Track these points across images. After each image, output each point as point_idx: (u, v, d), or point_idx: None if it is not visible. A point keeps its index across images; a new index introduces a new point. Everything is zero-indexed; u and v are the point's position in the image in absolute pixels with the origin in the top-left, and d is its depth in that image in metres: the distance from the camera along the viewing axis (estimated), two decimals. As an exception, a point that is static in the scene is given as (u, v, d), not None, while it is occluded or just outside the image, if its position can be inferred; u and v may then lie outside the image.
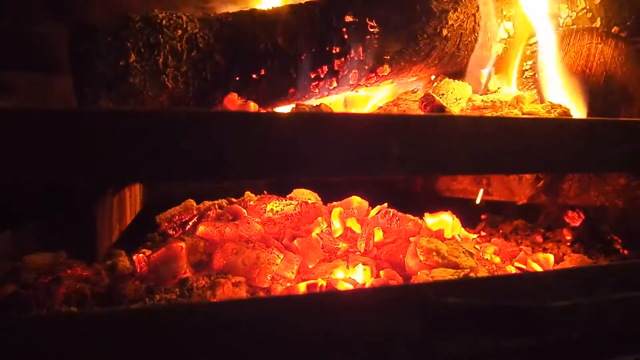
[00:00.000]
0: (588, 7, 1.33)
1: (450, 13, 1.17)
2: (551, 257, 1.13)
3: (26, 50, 1.46)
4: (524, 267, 1.11)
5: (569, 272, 0.96)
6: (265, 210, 1.13)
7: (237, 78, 1.06)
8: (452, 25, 1.18)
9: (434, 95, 1.02)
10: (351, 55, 1.11)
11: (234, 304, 0.75)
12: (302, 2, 1.21)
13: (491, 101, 1.09)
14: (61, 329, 0.63)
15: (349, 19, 1.10)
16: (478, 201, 1.38)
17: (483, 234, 1.45)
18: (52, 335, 0.62)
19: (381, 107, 1.15)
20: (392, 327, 0.72)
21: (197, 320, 0.66)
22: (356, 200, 1.19)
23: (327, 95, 1.16)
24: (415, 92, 1.15)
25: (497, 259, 1.12)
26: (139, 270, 0.94)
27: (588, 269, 1.00)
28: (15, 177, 0.62)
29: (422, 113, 0.99)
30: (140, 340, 0.64)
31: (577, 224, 1.31)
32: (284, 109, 1.14)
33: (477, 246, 1.15)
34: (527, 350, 0.77)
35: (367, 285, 0.94)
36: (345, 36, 1.10)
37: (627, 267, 0.89)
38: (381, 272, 0.98)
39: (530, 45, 1.33)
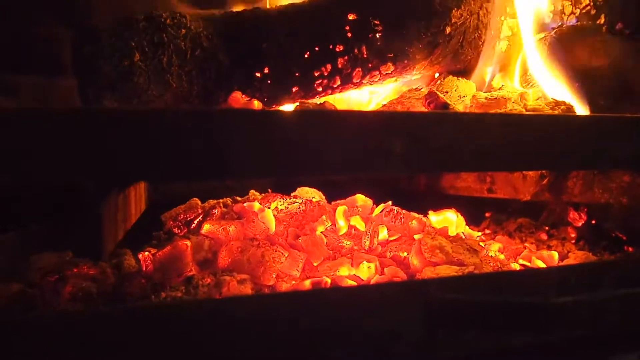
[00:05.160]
0: (592, 4, 1.33)
1: (453, 11, 1.17)
2: (555, 255, 1.13)
3: (29, 52, 1.47)
4: (528, 264, 1.11)
5: (572, 269, 0.96)
6: (270, 208, 1.13)
7: (241, 76, 1.06)
8: (456, 23, 1.18)
9: (437, 92, 1.02)
10: (354, 54, 1.11)
11: (239, 301, 0.75)
12: (306, 0, 1.21)
13: (495, 98, 1.09)
14: (67, 327, 0.63)
15: (352, 17, 1.10)
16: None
17: (487, 231, 1.45)
18: (59, 334, 0.62)
19: (385, 105, 1.15)
20: (395, 324, 0.72)
21: (203, 316, 0.66)
22: (360, 198, 1.19)
23: (330, 94, 1.16)
24: (419, 89, 1.15)
25: (502, 256, 1.13)
26: (144, 269, 0.94)
27: (592, 266, 1.00)
28: (18, 177, 0.62)
29: (426, 110, 0.99)
30: (146, 337, 0.65)
31: (579, 224, 1.31)
32: (288, 107, 1.15)
33: (481, 244, 1.15)
34: (531, 346, 0.78)
35: (371, 283, 0.94)
36: (349, 35, 1.10)
37: (631, 264, 0.89)
38: (385, 270, 0.98)
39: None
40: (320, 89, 1.13)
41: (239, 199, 1.23)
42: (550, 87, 1.22)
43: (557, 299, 0.77)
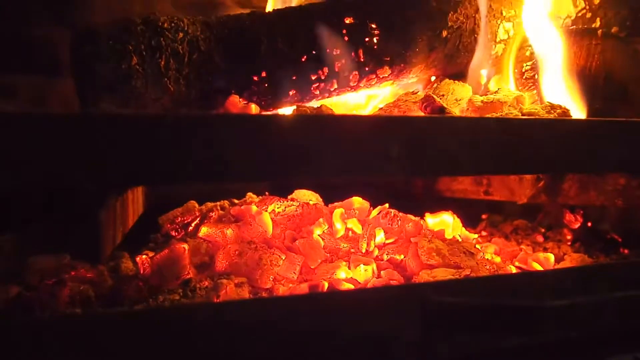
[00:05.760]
0: (588, 7, 1.34)
1: (450, 14, 1.18)
2: (551, 257, 1.14)
3: (28, 54, 1.47)
4: (524, 266, 1.11)
5: (568, 271, 0.96)
6: (267, 211, 1.14)
7: (239, 80, 1.07)
8: (452, 26, 1.19)
9: (434, 96, 1.02)
10: (351, 57, 1.11)
11: (236, 304, 0.76)
12: (303, 4, 1.22)
13: (491, 102, 1.09)
14: (65, 330, 0.63)
15: (349, 20, 1.11)
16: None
17: (484, 234, 1.45)
18: (56, 337, 0.63)
19: (382, 108, 1.15)
20: (392, 327, 0.72)
21: (200, 320, 0.66)
22: (357, 201, 1.20)
23: (327, 97, 1.17)
24: (416, 93, 1.15)
25: (498, 259, 1.13)
26: (142, 272, 0.95)
27: (587, 268, 1.01)
28: (18, 180, 0.62)
29: (423, 114, 1.00)
30: (143, 340, 0.65)
31: (575, 226, 1.32)
32: (285, 110, 1.15)
33: (477, 246, 1.16)
34: (527, 349, 0.78)
35: (368, 286, 0.95)
36: (346, 38, 1.10)
37: (625, 266, 0.90)
38: (382, 273, 0.98)
39: (530, 46, 1.33)
40: (317, 92, 1.13)
41: (236, 201, 1.23)
42: (546, 90, 1.22)
43: (553, 301, 0.78)
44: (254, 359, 0.68)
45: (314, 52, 1.09)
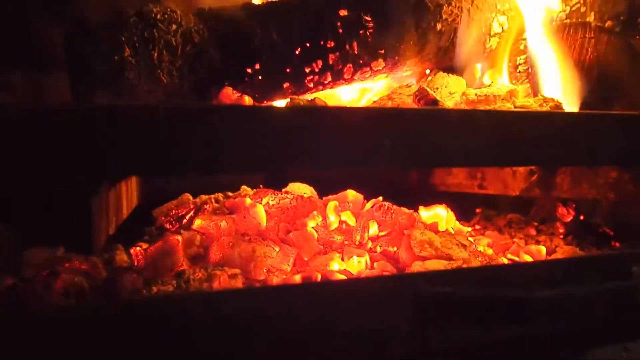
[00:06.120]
0: (582, 1, 1.34)
1: (444, 7, 1.18)
2: (543, 249, 1.15)
3: (22, 47, 1.46)
4: (516, 259, 1.12)
5: (558, 263, 0.97)
6: (261, 203, 1.14)
7: (232, 72, 1.07)
8: (446, 19, 1.19)
9: (427, 89, 1.03)
10: (346, 50, 1.11)
11: (229, 295, 0.76)
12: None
13: (485, 95, 1.10)
14: (59, 322, 0.64)
15: (343, 13, 1.11)
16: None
17: (478, 227, 1.46)
18: (51, 328, 0.63)
19: (376, 101, 1.15)
20: (384, 317, 0.73)
21: (194, 310, 0.67)
22: (351, 193, 1.20)
23: (322, 89, 1.17)
24: (410, 86, 1.15)
25: (490, 251, 1.14)
26: (136, 264, 0.95)
27: (577, 260, 1.02)
28: (16, 175, 0.62)
29: (416, 107, 1.00)
30: (137, 331, 0.65)
31: (568, 220, 1.33)
32: (279, 102, 1.15)
33: (470, 239, 1.16)
34: (518, 339, 0.79)
35: (361, 277, 0.95)
36: (340, 31, 1.10)
37: (614, 258, 0.91)
38: (375, 264, 0.99)
39: (524, 39, 1.34)
40: (311, 84, 1.13)
41: (230, 194, 1.23)
42: (540, 83, 1.23)
43: (543, 292, 0.79)
44: (249, 349, 0.69)
45: (308, 45, 1.09)
